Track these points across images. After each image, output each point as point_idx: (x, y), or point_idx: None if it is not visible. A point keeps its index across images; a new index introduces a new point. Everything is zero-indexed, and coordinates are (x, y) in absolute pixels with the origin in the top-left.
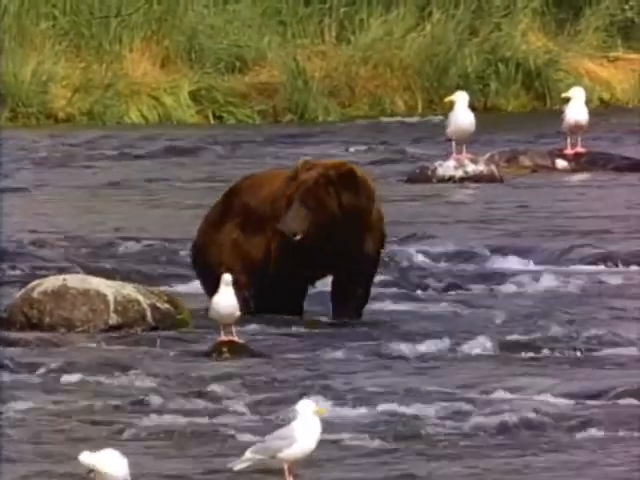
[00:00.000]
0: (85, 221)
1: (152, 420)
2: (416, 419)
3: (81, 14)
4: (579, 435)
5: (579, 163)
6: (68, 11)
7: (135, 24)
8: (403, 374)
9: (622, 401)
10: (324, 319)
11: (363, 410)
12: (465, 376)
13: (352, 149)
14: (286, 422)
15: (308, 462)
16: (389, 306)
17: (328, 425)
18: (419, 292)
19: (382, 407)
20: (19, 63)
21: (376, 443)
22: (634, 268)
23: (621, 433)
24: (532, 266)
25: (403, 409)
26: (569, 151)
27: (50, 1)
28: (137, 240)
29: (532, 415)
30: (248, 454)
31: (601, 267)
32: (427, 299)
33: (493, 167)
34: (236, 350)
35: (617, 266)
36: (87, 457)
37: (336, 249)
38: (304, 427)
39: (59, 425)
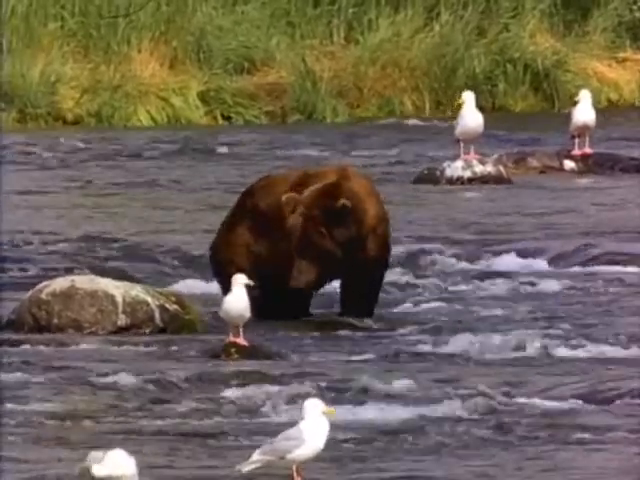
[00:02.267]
0: (93, 222)
1: (160, 421)
2: (420, 419)
3: (89, 15)
4: (580, 435)
5: (587, 164)
6: (76, 12)
7: (143, 25)
8: (408, 375)
9: (623, 401)
10: (332, 320)
11: (369, 410)
12: (466, 376)
13: (360, 150)
14: (294, 422)
15: (315, 462)
16: (396, 307)
17: (335, 425)
18: (426, 293)
19: (387, 407)
20: (27, 64)
21: (382, 443)
22: None
23: (622, 433)
24: (540, 266)
25: (407, 409)
26: (577, 152)
27: (58, 2)
28: (145, 241)
29: (533, 415)
30: (256, 456)
31: (609, 267)
32: (434, 300)
33: (501, 168)
34: (244, 351)
35: (625, 266)
36: (99, 470)
37: (341, 262)
38: (312, 427)
39: (66, 425)
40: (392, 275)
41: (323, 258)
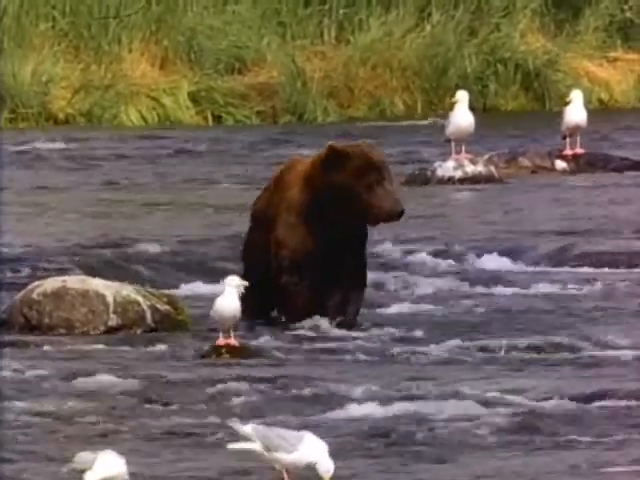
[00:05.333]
0: (84, 223)
1: (150, 421)
2: (416, 420)
3: (80, 15)
4: (579, 436)
5: (578, 164)
6: (67, 12)
7: (134, 25)
8: (403, 376)
9: (622, 402)
10: (324, 321)
11: (363, 411)
12: (464, 377)
13: None
14: (285, 422)
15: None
16: (387, 308)
17: (329, 426)
18: (418, 293)
19: (382, 408)
20: (18, 64)
21: (376, 444)
22: (634, 269)
23: (621, 434)
24: (531, 267)
25: (403, 410)
26: (568, 152)
27: (49, 2)
28: (137, 242)
29: (531, 416)
30: (250, 429)
31: (600, 268)
32: (426, 300)
33: (492, 168)
34: (235, 352)
35: (617, 267)
36: (91, 477)
37: None
38: (311, 445)
39: (58, 426)
40: (383, 276)
41: None
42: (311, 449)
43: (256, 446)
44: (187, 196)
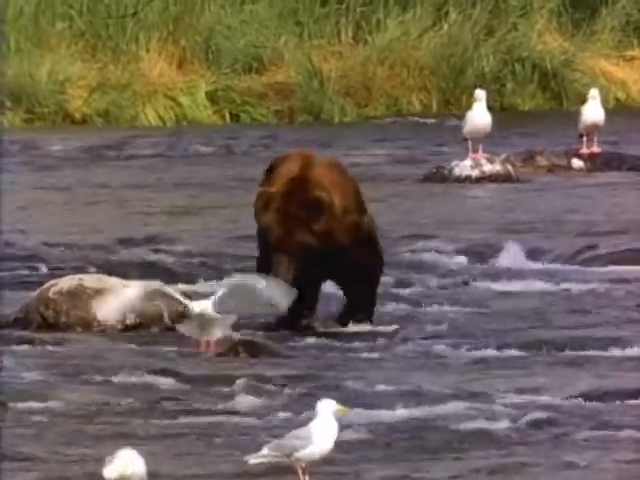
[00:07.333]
0: (100, 221)
1: (167, 420)
2: (421, 419)
3: (97, 14)
4: (580, 436)
5: (595, 163)
6: (84, 11)
7: (152, 24)
8: (410, 374)
9: (624, 401)
10: (337, 320)
11: (373, 410)
12: (467, 376)
13: (368, 149)
14: (302, 421)
15: (320, 462)
16: (400, 306)
17: (341, 424)
18: (431, 291)
19: (388, 408)
20: (35, 64)
21: (385, 442)
22: None
23: (623, 434)
24: (547, 265)
25: (409, 409)
26: (585, 151)
27: (66, 2)
28: (153, 241)
29: (533, 416)
30: (265, 451)
31: (616, 266)
32: (440, 298)
33: (509, 167)
34: (252, 350)
35: (632, 265)
36: (110, 472)
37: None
38: (322, 428)
39: (73, 424)
40: (398, 274)
41: (304, 252)
42: (321, 433)
43: (275, 455)
44: (204, 196)
